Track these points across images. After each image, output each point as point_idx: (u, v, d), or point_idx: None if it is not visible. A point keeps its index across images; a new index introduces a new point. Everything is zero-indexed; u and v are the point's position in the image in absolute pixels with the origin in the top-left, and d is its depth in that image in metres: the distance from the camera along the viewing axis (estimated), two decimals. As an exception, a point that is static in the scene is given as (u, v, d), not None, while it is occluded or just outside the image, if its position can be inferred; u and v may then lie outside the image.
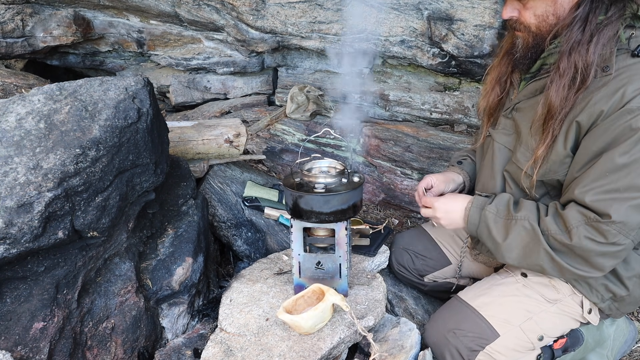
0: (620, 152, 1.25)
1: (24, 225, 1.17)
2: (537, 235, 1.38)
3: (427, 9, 2.64)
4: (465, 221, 1.55)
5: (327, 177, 1.50)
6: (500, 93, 1.62)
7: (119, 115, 1.38)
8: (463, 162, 1.90)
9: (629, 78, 1.26)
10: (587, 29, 1.30)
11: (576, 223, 1.32)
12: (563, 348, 1.56)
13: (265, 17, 2.88)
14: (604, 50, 1.30)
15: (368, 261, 1.85)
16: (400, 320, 1.68)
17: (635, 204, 1.26)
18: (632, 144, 1.23)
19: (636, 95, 1.23)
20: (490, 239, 1.48)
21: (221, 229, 2.13)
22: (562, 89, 1.33)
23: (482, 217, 1.50)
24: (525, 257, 1.41)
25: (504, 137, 1.58)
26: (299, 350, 1.39)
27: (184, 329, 1.69)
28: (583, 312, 1.52)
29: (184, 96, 3.44)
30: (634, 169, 1.24)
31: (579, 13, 1.31)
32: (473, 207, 1.53)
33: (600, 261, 1.32)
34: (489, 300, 1.55)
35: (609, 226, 1.28)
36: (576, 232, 1.31)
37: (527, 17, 1.40)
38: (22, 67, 3.39)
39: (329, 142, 2.91)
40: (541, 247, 1.37)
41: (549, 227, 1.37)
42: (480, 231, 1.51)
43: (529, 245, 1.40)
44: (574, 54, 1.31)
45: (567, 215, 1.34)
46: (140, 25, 3.26)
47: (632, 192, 1.25)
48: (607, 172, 1.27)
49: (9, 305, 1.27)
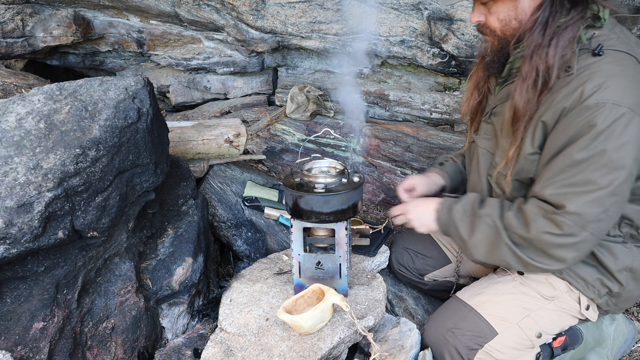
0: (579, 148, 1.28)
1: (24, 225, 1.17)
2: (499, 231, 1.43)
3: (427, 9, 2.64)
4: (437, 223, 1.60)
5: (327, 177, 1.50)
6: (478, 97, 1.66)
7: (119, 115, 1.38)
8: (444, 163, 1.94)
9: (589, 76, 1.29)
10: (547, 33, 1.33)
11: (534, 216, 1.36)
12: (562, 346, 1.56)
13: (265, 17, 2.88)
14: (564, 52, 1.33)
15: (368, 261, 1.85)
16: (400, 320, 1.68)
17: (591, 198, 1.29)
18: (589, 139, 1.27)
19: (594, 92, 1.26)
20: (458, 237, 1.53)
21: (221, 229, 2.13)
22: (525, 92, 1.37)
23: (450, 216, 1.55)
24: (490, 253, 1.46)
25: (486, 142, 1.62)
26: (299, 350, 1.39)
27: (184, 329, 1.69)
28: (581, 308, 1.53)
29: (184, 96, 3.44)
30: (591, 163, 1.27)
31: (539, 17, 1.34)
32: (442, 207, 1.58)
33: (559, 253, 1.36)
34: (486, 299, 1.56)
35: (564, 217, 1.31)
36: (534, 226, 1.36)
37: (492, 21, 1.44)
38: (22, 67, 3.39)
39: (329, 142, 2.91)
40: (503, 242, 1.42)
41: (510, 222, 1.41)
42: (449, 230, 1.56)
43: (493, 241, 1.44)
44: (535, 58, 1.34)
45: (526, 209, 1.39)
46: (140, 25, 3.26)
47: (588, 186, 1.29)
48: (566, 167, 1.31)
49: (9, 305, 1.27)
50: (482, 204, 1.52)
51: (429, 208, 1.63)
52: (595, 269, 1.50)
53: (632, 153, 1.27)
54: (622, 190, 1.30)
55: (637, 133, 1.26)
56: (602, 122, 1.25)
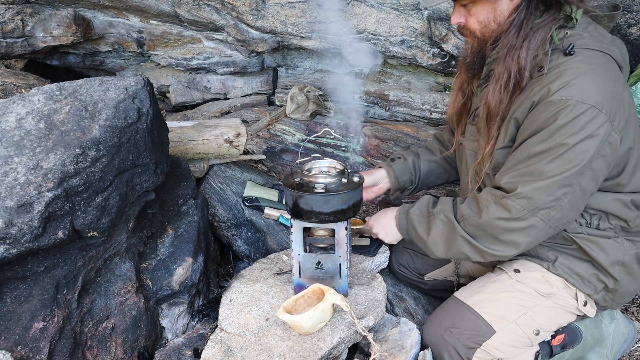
0: (538, 140, 1.33)
1: (24, 225, 1.17)
2: (452, 225, 1.48)
3: (427, 9, 2.64)
4: (398, 229, 1.67)
5: (327, 177, 1.50)
6: (462, 99, 1.68)
7: (119, 115, 1.38)
8: (395, 160, 1.96)
9: (558, 74, 1.33)
10: (520, 34, 1.37)
11: (486, 203, 1.43)
12: (561, 345, 1.56)
13: (265, 17, 2.88)
14: (536, 52, 1.37)
15: (368, 261, 1.85)
16: (400, 320, 1.68)
17: (541, 185, 1.33)
18: (549, 133, 1.31)
19: (560, 88, 1.30)
20: (418, 238, 1.59)
21: (221, 229, 2.13)
22: (498, 92, 1.42)
23: (408, 220, 1.62)
24: (448, 247, 1.51)
25: (472, 143, 1.65)
26: (299, 350, 1.39)
27: (184, 329, 1.69)
28: (578, 304, 1.54)
29: (184, 96, 3.44)
30: (546, 155, 1.32)
31: (515, 19, 1.38)
32: (400, 213, 1.66)
33: (510, 237, 1.40)
34: (483, 298, 1.56)
35: (514, 201, 1.36)
36: (486, 212, 1.42)
37: (471, 23, 1.47)
38: (22, 67, 3.39)
39: (329, 142, 2.91)
40: (457, 234, 1.47)
41: (463, 213, 1.48)
42: (410, 233, 1.63)
43: (449, 236, 1.50)
44: (507, 59, 1.39)
45: (479, 197, 1.46)
46: (140, 25, 3.26)
47: (541, 176, 1.33)
48: (525, 158, 1.36)
49: (9, 305, 1.27)
50: (435, 203, 1.59)
51: (388, 217, 1.71)
52: (590, 264, 1.51)
53: (592, 148, 1.29)
54: (577, 182, 1.32)
55: (599, 129, 1.28)
56: (564, 117, 1.28)
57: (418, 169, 1.93)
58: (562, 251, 1.54)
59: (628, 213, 1.48)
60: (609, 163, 1.36)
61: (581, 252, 1.51)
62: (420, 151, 1.97)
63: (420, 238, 1.58)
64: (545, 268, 1.55)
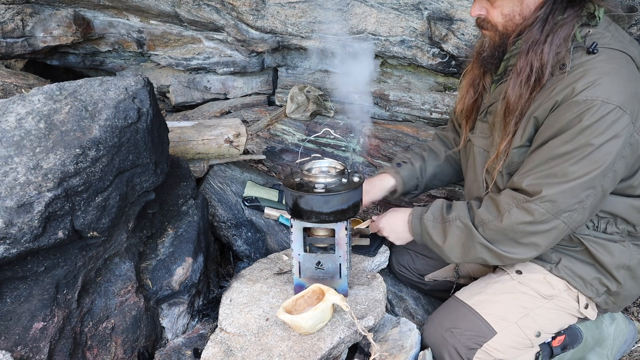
0: (562, 141, 1.30)
1: (24, 225, 1.17)
2: (470, 231, 1.46)
3: (427, 9, 2.64)
4: (410, 233, 1.64)
5: (327, 177, 1.50)
6: (473, 95, 1.66)
7: (119, 115, 1.38)
8: (402, 165, 1.91)
9: (582, 73, 1.30)
10: (545, 29, 1.35)
11: (507, 207, 1.39)
12: (562, 346, 1.56)
13: (265, 17, 2.88)
14: (559, 49, 1.34)
15: (368, 261, 1.85)
16: (400, 320, 1.68)
17: (566, 188, 1.31)
18: (574, 133, 1.28)
19: (585, 88, 1.28)
20: (433, 243, 1.56)
21: (221, 229, 2.13)
22: (518, 87, 1.39)
23: (422, 225, 1.58)
24: (466, 253, 1.49)
25: (482, 140, 1.62)
26: (299, 350, 1.39)
27: (184, 329, 1.69)
28: (579, 307, 1.53)
29: (184, 96, 3.44)
30: (571, 157, 1.29)
31: (541, 14, 1.35)
32: (413, 218, 1.62)
33: (531, 240, 1.38)
34: (484, 298, 1.56)
35: (537, 205, 1.34)
36: (507, 216, 1.39)
37: (494, 16, 1.44)
38: (22, 67, 3.39)
39: (329, 142, 2.91)
40: (476, 241, 1.45)
41: (482, 217, 1.45)
42: (424, 239, 1.59)
43: (466, 242, 1.47)
44: (530, 53, 1.36)
45: (499, 200, 1.43)
46: (140, 25, 3.26)
47: (565, 177, 1.31)
48: (548, 160, 1.33)
49: (9, 305, 1.27)
50: (449, 208, 1.55)
51: (399, 220, 1.68)
52: (593, 267, 1.50)
53: (616, 149, 1.28)
54: (599, 184, 1.31)
55: (624, 130, 1.27)
56: (589, 117, 1.26)
57: (424, 173, 1.90)
58: (566, 253, 1.53)
59: (637, 217, 1.47)
60: (628, 164, 1.35)
61: (586, 255, 1.50)
62: (425, 155, 1.93)
63: (435, 244, 1.56)
64: (548, 270, 1.55)
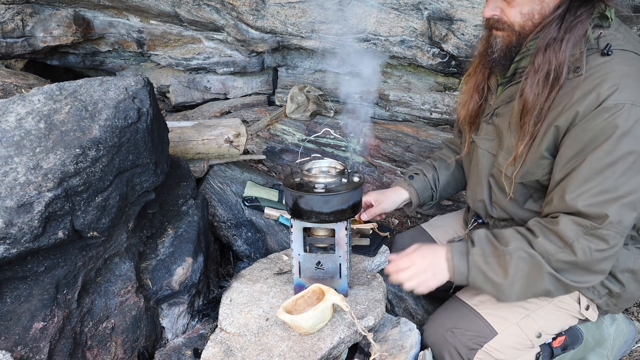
0: (605, 152, 1.24)
1: (24, 225, 1.17)
2: (537, 261, 1.32)
3: (427, 9, 2.64)
4: (451, 272, 1.43)
5: (327, 177, 1.49)
6: (478, 101, 1.61)
7: (119, 115, 1.38)
8: (414, 177, 1.89)
9: (602, 77, 1.26)
10: (562, 27, 1.31)
11: (575, 236, 1.28)
12: (562, 346, 1.56)
13: (265, 17, 2.88)
14: (574, 49, 1.31)
15: (368, 261, 1.85)
16: (400, 320, 1.68)
17: (625, 202, 1.25)
18: (614, 142, 1.23)
19: (612, 93, 1.24)
20: (488, 282, 1.38)
21: (221, 229, 2.13)
22: (537, 85, 1.34)
23: (470, 263, 1.40)
24: (529, 287, 1.35)
25: (487, 143, 1.59)
26: (299, 350, 1.39)
27: (184, 329, 1.69)
28: (580, 308, 1.53)
29: (184, 96, 3.44)
30: (619, 167, 1.24)
31: (559, 12, 1.32)
32: (455, 256, 1.42)
33: (602, 267, 1.32)
34: (486, 299, 1.55)
35: (609, 230, 1.25)
36: (578, 246, 1.27)
37: (512, 15, 1.38)
38: (22, 67, 3.39)
39: (329, 142, 2.91)
40: (545, 271, 1.31)
41: (547, 248, 1.32)
42: (473, 278, 1.40)
43: (531, 274, 1.33)
44: (549, 51, 1.32)
45: (561, 230, 1.30)
46: (140, 25, 3.26)
47: (621, 189, 1.24)
48: (594, 174, 1.26)
49: (9, 305, 1.27)
50: (500, 239, 1.39)
51: (437, 257, 1.45)
52: None
53: None
54: None
55: None
56: (624, 123, 1.22)
57: (438, 183, 1.88)
58: None
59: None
60: None
61: None
62: (436, 165, 1.90)
63: (491, 282, 1.37)
64: None
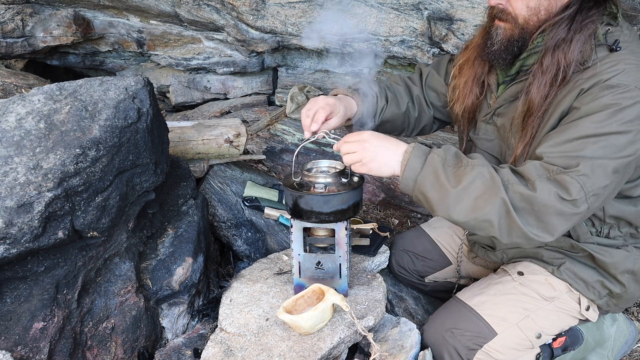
0: (593, 121, 1.22)
1: (24, 225, 1.17)
2: (495, 184, 1.22)
3: (427, 9, 2.64)
4: (401, 166, 1.30)
5: (327, 177, 1.50)
6: (479, 95, 1.57)
7: (119, 115, 1.38)
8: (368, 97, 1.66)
9: (609, 64, 1.27)
10: (572, 28, 1.31)
11: (538, 175, 1.22)
12: (562, 347, 1.56)
13: (265, 17, 2.88)
14: (583, 47, 1.31)
15: (368, 261, 1.85)
16: (400, 320, 1.68)
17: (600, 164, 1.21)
18: (606, 116, 1.21)
19: (617, 74, 1.24)
20: (435, 186, 1.26)
21: (221, 229, 2.13)
22: (544, 87, 1.32)
23: (427, 161, 1.28)
24: (475, 209, 1.23)
25: (486, 143, 1.57)
26: (299, 350, 1.39)
27: (184, 329, 1.69)
28: (581, 309, 1.53)
29: (184, 96, 3.44)
30: (601, 139, 1.21)
31: (569, 12, 1.31)
32: (415, 151, 1.30)
33: (554, 221, 1.21)
34: (486, 299, 1.55)
35: (574, 178, 1.19)
36: (540, 185, 1.20)
37: (517, 7, 1.36)
38: (22, 67, 3.39)
39: (329, 142, 2.91)
40: (498, 196, 1.20)
41: (509, 178, 1.23)
42: (422, 177, 1.27)
43: (484, 195, 1.22)
44: (557, 51, 1.31)
45: (526, 169, 1.24)
46: (140, 25, 3.26)
47: (596, 160, 1.21)
48: (576, 139, 1.23)
49: (9, 305, 1.27)
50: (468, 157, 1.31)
51: (391, 147, 1.33)
52: (595, 270, 1.50)
53: None
54: (622, 171, 1.26)
55: None
56: (627, 101, 1.21)
57: (381, 115, 1.70)
58: (569, 256, 1.52)
59: None
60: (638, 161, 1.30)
61: (588, 259, 1.50)
62: (390, 97, 1.72)
63: (439, 186, 1.25)
64: (550, 272, 1.54)
